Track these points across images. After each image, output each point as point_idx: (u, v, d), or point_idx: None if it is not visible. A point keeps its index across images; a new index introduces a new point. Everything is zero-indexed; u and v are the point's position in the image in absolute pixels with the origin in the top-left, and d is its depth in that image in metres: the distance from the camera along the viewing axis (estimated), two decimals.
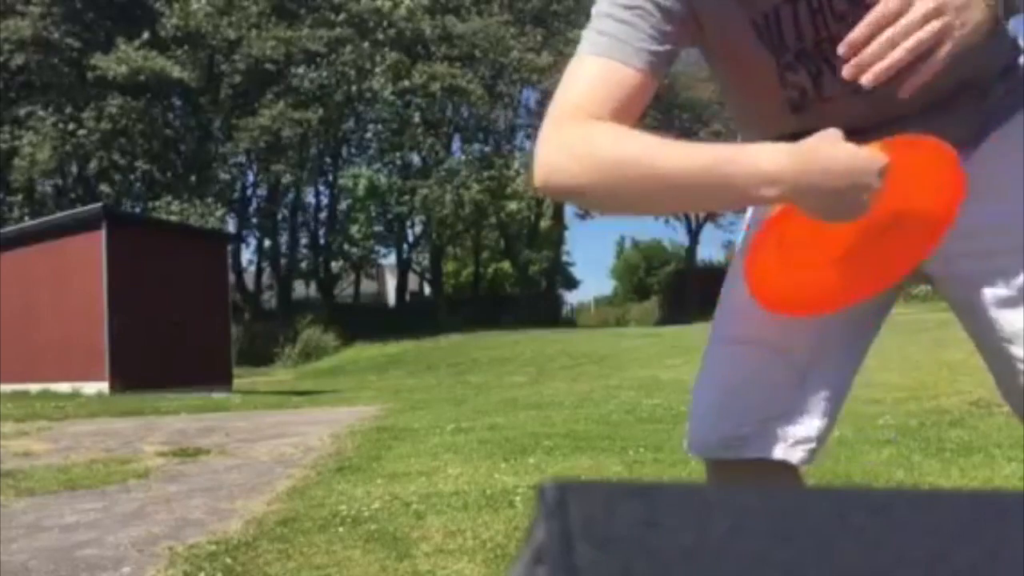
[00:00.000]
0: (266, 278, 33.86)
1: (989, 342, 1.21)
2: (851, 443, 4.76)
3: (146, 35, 27.10)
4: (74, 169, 27.42)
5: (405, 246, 33.19)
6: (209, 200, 27.93)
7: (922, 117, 1.18)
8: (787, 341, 1.26)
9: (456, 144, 32.34)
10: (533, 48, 29.41)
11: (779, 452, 1.25)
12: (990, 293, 1.18)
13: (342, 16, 28.27)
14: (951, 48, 0.95)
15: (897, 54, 0.94)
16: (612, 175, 1.02)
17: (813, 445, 1.26)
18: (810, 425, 1.25)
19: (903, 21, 0.94)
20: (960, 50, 0.96)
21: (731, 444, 1.26)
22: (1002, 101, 1.19)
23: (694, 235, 36.59)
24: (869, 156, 0.99)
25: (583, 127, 1.05)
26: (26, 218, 23.63)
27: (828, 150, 0.98)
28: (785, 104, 1.21)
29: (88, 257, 14.41)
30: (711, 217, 36.21)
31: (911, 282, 1.33)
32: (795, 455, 1.25)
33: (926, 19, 0.94)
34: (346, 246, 30.39)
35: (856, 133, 1.22)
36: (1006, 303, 1.17)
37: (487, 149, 31.99)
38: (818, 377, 1.26)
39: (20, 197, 27.08)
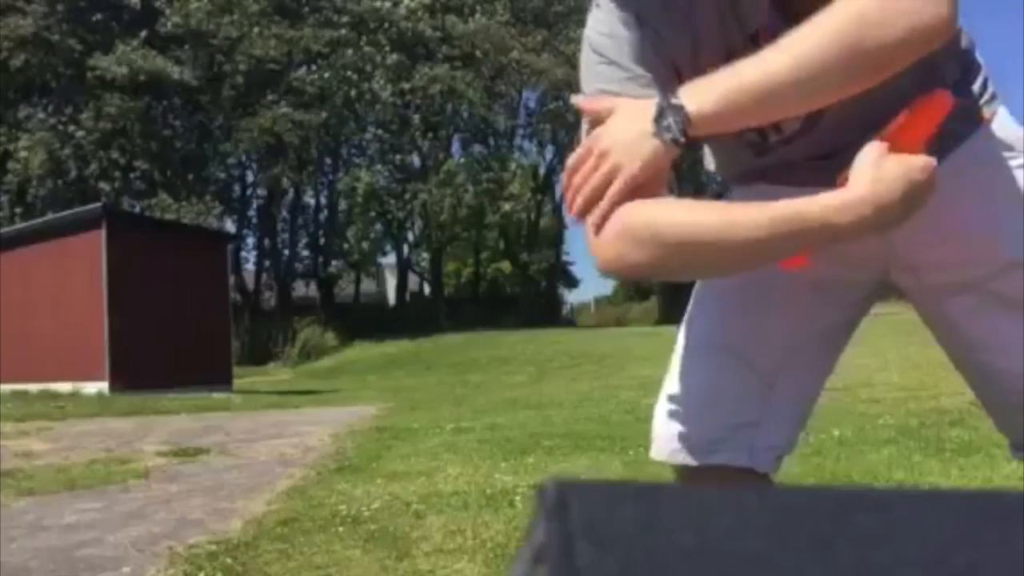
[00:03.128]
0: (266, 278, 33.84)
1: (960, 352, 1.22)
2: (851, 443, 4.76)
3: (144, 34, 27.04)
4: (72, 170, 27.35)
5: (405, 246, 33.19)
6: (207, 199, 27.91)
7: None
8: (755, 348, 1.26)
9: (456, 146, 32.36)
10: (534, 49, 29.37)
11: (744, 459, 1.24)
12: (959, 303, 1.19)
13: (345, 18, 28.21)
14: (624, 183, 1.04)
15: (579, 201, 1.06)
16: (680, 254, 1.05)
17: (780, 452, 1.27)
18: (777, 432, 1.26)
19: (583, 169, 1.06)
20: (635, 182, 1.03)
21: (696, 450, 1.25)
22: (963, 116, 1.19)
23: None
24: (922, 163, 0.98)
25: (636, 209, 1.06)
26: (17, 219, 23.57)
27: (888, 178, 0.97)
28: (746, 147, 1.21)
29: (88, 257, 14.41)
30: None
31: (881, 295, 1.33)
32: (761, 462, 1.25)
33: (598, 164, 1.05)
34: (346, 246, 30.36)
35: (818, 158, 1.23)
36: (975, 313, 1.18)
37: (485, 152, 31.99)
38: (786, 384, 1.26)
39: (8, 198, 27.02)
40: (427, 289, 36.31)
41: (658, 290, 37.77)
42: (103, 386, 13.60)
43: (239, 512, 3.84)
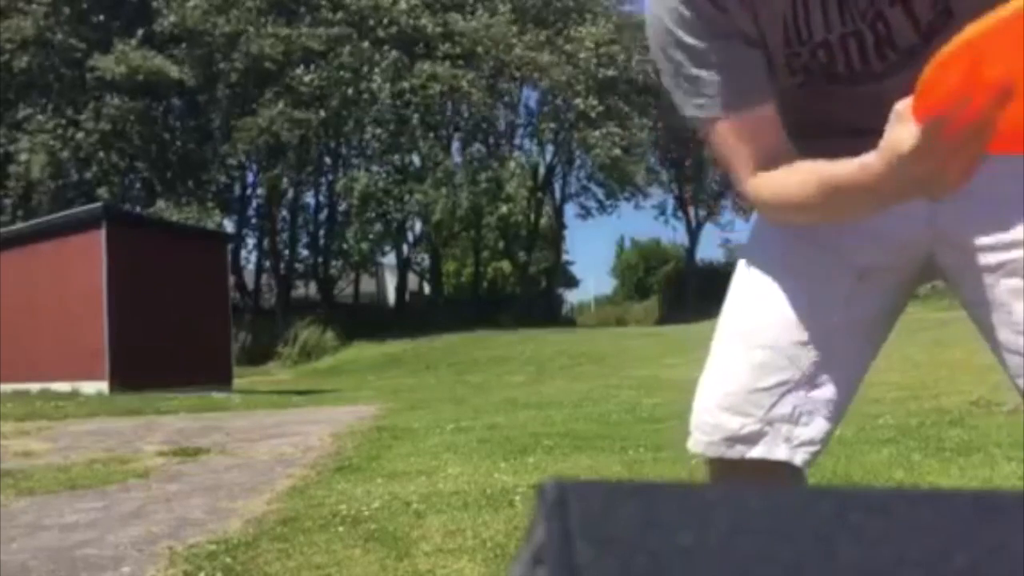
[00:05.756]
0: (266, 278, 33.86)
1: (1003, 335, 1.20)
2: (851, 443, 4.76)
3: (141, 32, 27.02)
4: (72, 173, 27.35)
5: (405, 246, 33.19)
6: (209, 204, 27.93)
7: None
8: (797, 342, 1.25)
9: (456, 145, 32.31)
10: (535, 47, 29.33)
11: (783, 453, 1.24)
12: (1009, 284, 1.17)
13: (340, 15, 28.13)
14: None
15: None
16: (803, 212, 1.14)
17: (816, 448, 1.26)
18: (815, 427, 1.25)
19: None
20: None
21: (735, 443, 1.25)
22: None
23: (693, 234, 36.60)
24: (907, 132, 0.93)
25: (759, 186, 1.14)
26: (18, 222, 23.56)
27: (890, 144, 0.96)
28: (791, 88, 1.20)
29: (88, 257, 14.41)
30: (711, 216, 36.27)
31: (924, 280, 1.32)
32: (798, 456, 1.25)
33: None
34: (345, 246, 30.36)
35: (866, 133, 1.21)
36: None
37: (483, 151, 31.90)
38: (825, 380, 1.26)
39: (12, 200, 27.03)
40: (427, 289, 36.33)
41: (658, 290, 37.82)
42: (103, 386, 13.60)
43: (239, 512, 3.84)
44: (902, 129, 0.94)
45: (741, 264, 1.35)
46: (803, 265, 1.27)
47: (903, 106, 0.94)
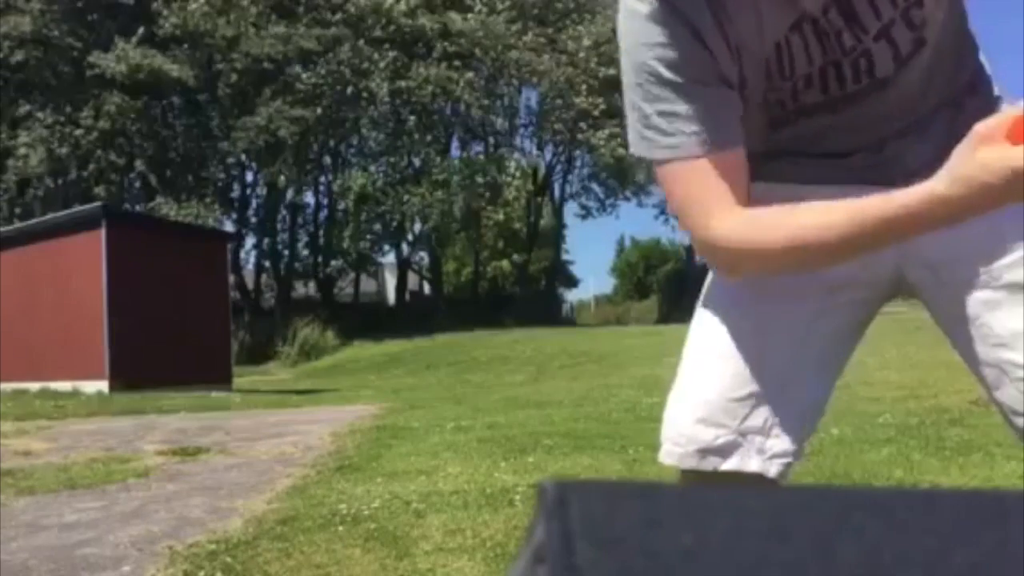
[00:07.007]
0: (265, 278, 33.84)
1: (978, 348, 1.20)
2: (851, 442, 4.76)
3: (141, 31, 27.00)
4: (71, 170, 27.35)
5: (404, 245, 33.17)
6: (207, 200, 27.91)
7: (901, 139, 1.20)
8: (768, 353, 1.26)
9: (454, 145, 32.26)
10: (535, 48, 29.29)
11: (756, 465, 1.24)
12: (980, 297, 1.18)
13: (338, 15, 28.11)
14: None
15: None
16: (793, 254, 1.08)
17: (789, 459, 1.26)
18: (787, 439, 1.25)
19: None
20: None
21: (709, 454, 1.25)
22: (976, 115, 1.19)
23: None
24: (1006, 154, 0.91)
25: (739, 225, 1.09)
26: (16, 220, 23.54)
27: (978, 163, 0.92)
28: (763, 122, 1.20)
29: (88, 256, 14.41)
30: None
31: (892, 296, 1.33)
32: (772, 468, 1.25)
33: None
34: (345, 245, 30.32)
35: (837, 156, 1.23)
36: (997, 306, 1.17)
37: (483, 152, 31.84)
38: (797, 391, 1.26)
39: (10, 196, 27.03)
40: (427, 288, 36.32)
41: (658, 289, 37.82)
42: (103, 385, 13.60)
43: (239, 511, 3.84)
44: (1004, 152, 0.90)
45: (711, 276, 1.35)
46: (774, 279, 1.27)
47: (986, 128, 0.92)
